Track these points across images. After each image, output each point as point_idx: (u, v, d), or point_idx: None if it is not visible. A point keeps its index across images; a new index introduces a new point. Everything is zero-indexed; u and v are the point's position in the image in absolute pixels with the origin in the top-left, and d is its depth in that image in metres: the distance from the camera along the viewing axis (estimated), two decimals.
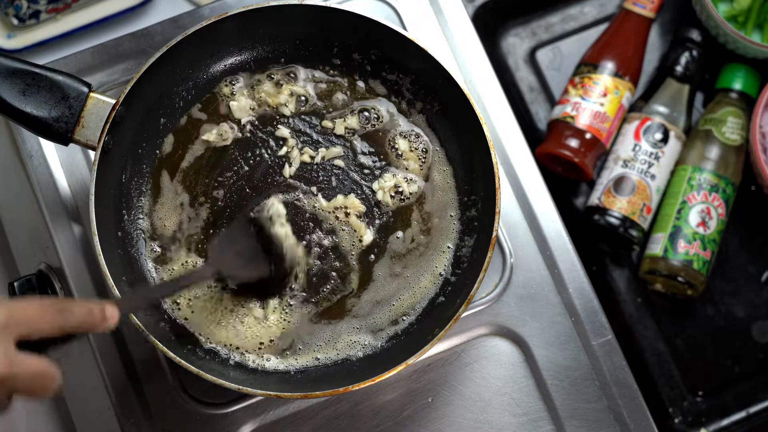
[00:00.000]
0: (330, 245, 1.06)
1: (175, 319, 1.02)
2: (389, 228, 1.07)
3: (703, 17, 1.31)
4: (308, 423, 1.08)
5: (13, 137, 1.14)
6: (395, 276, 1.05)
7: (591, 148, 1.28)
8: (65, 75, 0.98)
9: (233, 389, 0.94)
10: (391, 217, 1.07)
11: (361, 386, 0.95)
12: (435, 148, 1.09)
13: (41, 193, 1.12)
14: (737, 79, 1.30)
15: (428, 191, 1.08)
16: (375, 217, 1.07)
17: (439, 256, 1.05)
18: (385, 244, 1.06)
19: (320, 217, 1.06)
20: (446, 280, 1.05)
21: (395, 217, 1.07)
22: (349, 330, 1.03)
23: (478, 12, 1.34)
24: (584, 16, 1.38)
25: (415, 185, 1.08)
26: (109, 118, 0.98)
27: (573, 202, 1.33)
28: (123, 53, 1.16)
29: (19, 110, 0.97)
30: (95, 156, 0.98)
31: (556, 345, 1.10)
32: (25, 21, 1.24)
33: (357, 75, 1.10)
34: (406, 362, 0.95)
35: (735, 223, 1.30)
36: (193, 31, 1.02)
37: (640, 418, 1.09)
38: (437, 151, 1.09)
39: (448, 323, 0.97)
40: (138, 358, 1.08)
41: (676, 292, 1.28)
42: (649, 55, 1.34)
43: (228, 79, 1.09)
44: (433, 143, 1.09)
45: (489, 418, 1.09)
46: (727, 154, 1.28)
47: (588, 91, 1.29)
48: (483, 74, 1.18)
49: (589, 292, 1.12)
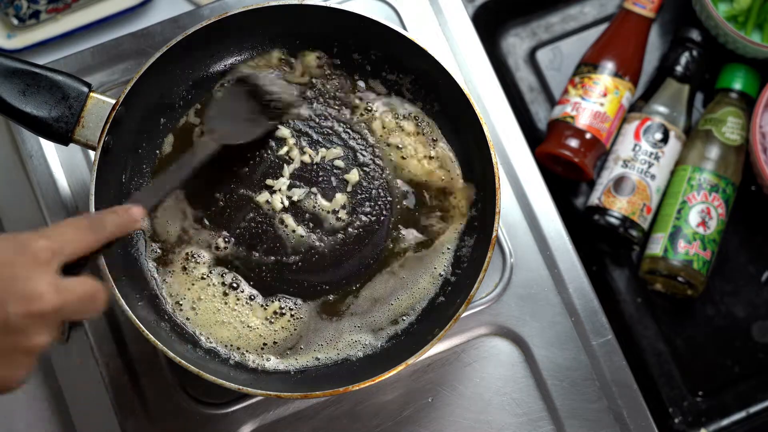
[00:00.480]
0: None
1: (175, 318, 1.02)
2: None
3: (703, 17, 1.31)
4: (308, 423, 1.08)
5: (13, 137, 1.14)
6: (393, 273, 1.05)
7: (591, 148, 1.28)
8: (65, 75, 0.98)
9: (233, 389, 0.94)
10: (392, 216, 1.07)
11: (361, 386, 0.95)
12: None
13: (41, 193, 1.12)
14: (737, 79, 1.30)
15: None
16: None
17: (439, 257, 1.05)
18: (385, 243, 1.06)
19: (320, 217, 1.06)
20: (446, 280, 1.05)
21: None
22: (351, 329, 1.03)
23: (478, 12, 1.34)
24: (584, 16, 1.38)
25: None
26: (109, 118, 0.99)
27: (573, 202, 1.33)
28: (123, 53, 1.16)
29: (19, 110, 0.97)
30: (95, 156, 0.98)
31: (556, 345, 1.10)
32: (25, 21, 1.24)
33: (357, 75, 1.10)
34: (406, 362, 0.95)
35: (735, 223, 1.30)
36: (193, 31, 1.02)
37: (640, 418, 1.09)
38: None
39: (448, 323, 0.97)
40: (138, 358, 1.08)
41: (676, 292, 1.28)
42: (649, 55, 1.34)
43: (228, 78, 1.09)
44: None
45: (489, 418, 1.09)
46: (727, 154, 1.28)
47: (588, 91, 1.29)
48: (483, 74, 1.18)
49: (589, 292, 1.12)
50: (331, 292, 1.04)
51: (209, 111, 1.06)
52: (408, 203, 1.07)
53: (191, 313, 1.02)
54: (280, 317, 1.03)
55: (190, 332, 1.02)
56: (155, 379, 1.07)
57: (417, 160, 1.07)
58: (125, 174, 1.05)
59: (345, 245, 1.05)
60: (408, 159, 1.07)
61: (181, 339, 1.01)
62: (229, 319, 1.02)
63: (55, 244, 0.75)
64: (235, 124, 1.03)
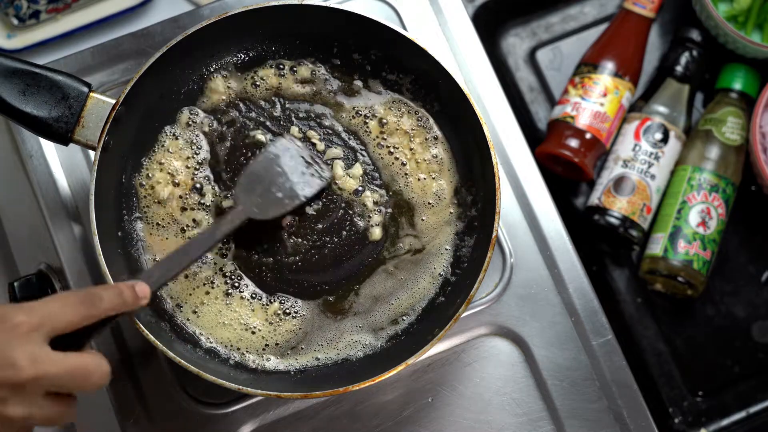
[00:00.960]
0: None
1: (175, 318, 1.02)
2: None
3: (703, 17, 1.31)
4: (308, 423, 1.08)
5: (13, 137, 1.14)
6: (392, 274, 1.05)
7: (591, 148, 1.28)
8: (65, 75, 0.98)
9: (233, 389, 0.94)
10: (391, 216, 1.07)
11: (361, 386, 0.95)
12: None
13: (41, 193, 1.12)
14: (737, 79, 1.30)
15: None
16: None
17: (439, 257, 1.05)
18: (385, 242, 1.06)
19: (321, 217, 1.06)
20: (446, 280, 1.05)
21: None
22: (352, 329, 1.03)
23: (478, 12, 1.34)
24: (584, 16, 1.38)
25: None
26: (109, 118, 0.98)
27: (573, 202, 1.33)
28: (123, 53, 1.15)
29: (19, 110, 0.97)
30: (95, 156, 0.98)
31: (556, 345, 1.10)
32: (25, 21, 1.24)
33: (357, 75, 1.10)
34: (406, 362, 0.95)
35: (735, 223, 1.30)
36: (193, 31, 1.02)
37: (640, 418, 1.09)
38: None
39: (448, 323, 0.97)
40: (138, 358, 1.08)
41: (676, 292, 1.28)
42: (649, 55, 1.34)
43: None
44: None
45: (489, 418, 1.09)
46: (727, 154, 1.28)
47: (588, 91, 1.29)
48: (483, 74, 1.18)
49: (589, 292, 1.12)
50: (332, 292, 1.04)
51: (241, 178, 1.01)
52: (406, 202, 1.07)
53: (191, 313, 1.02)
54: (282, 317, 1.03)
55: (190, 332, 1.02)
56: (155, 379, 1.07)
57: (416, 162, 1.07)
58: (125, 174, 1.05)
59: (345, 245, 1.05)
60: (408, 161, 1.07)
61: (181, 339, 1.01)
62: (230, 319, 1.02)
63: (34, 318, 0.74)
64: (264, 197, 1.00)
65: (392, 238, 1.06)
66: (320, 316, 1.04)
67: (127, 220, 1.04)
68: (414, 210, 1.07)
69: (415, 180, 1.07)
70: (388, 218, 1.06)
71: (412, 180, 1.07)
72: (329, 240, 1.05)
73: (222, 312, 1.03)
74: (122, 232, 1.03)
